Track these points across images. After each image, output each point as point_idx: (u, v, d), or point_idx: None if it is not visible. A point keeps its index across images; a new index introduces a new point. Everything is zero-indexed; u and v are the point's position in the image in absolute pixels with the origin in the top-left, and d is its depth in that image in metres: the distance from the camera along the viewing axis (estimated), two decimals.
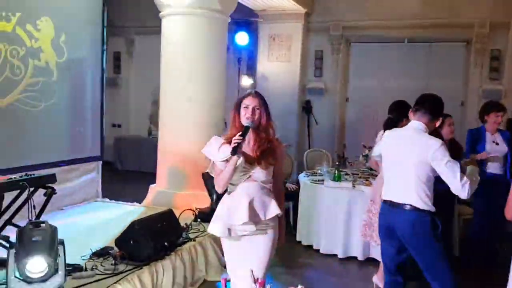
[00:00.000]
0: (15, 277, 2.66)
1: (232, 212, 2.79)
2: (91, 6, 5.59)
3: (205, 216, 5.09)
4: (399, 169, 3.09)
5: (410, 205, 3.00)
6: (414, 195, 2.99)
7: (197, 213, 5.15)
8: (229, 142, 2.71)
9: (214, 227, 2.87)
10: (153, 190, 6.05)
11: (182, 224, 4.80)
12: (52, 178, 3.77)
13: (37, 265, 2.67)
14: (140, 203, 5.97)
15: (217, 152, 2.81)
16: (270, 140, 2.85)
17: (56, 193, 3.73)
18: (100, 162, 6.11)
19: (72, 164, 5.50)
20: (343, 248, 5.08)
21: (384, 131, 3.78)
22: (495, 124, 4.97)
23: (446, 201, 3.52)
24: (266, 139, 2.83)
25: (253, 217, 2.74)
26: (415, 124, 3.11)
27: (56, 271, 2.85)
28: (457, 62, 8.37)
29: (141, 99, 10.56)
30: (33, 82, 4.79)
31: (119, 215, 5.30)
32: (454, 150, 4.22)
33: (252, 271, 2.40)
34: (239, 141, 2.65)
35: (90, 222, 5.00)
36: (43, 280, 2.75)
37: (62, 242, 3.00)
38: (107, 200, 6.10)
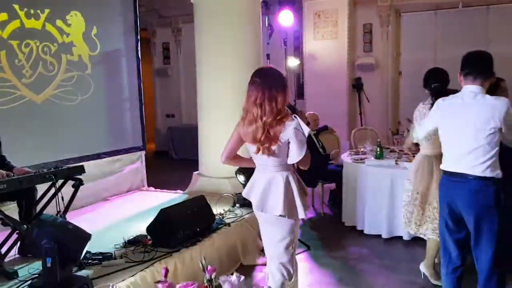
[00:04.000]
0: None
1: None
2: None
3: (243, 200, 5.03)
4: (464, 138, 2.82)
5: (474, 174, 2.77)
6: (481, 163, 2.76)
7: (236, 199, 5.08)
8: None
9: None
10: (196, 177, 6.05)
11: (220, 209, 4.77)
12: (80, 169, 3.82)
13: None
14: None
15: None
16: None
17: (83, 184, 3.77)
18: (143, 152, 6.16)
19: (114, 155, 5.59)
20: (387, 228, 4.84)
21: (434, 102, 3.52)
22: None
23: None
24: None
25: (259, 206, 2.78)
26: (472, 88, 2.85)
27: None
28: None
29: (191, 88, 10.60)
30: (68, 77, 4.88)
31: (161, 204, 5.32)
32: None
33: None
34: None
35: (132, 211, 5.05)
36: None
37: None
38: (152, 189, 6.17)
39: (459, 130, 2.84)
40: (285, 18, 8.79)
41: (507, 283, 2.97)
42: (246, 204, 4.99)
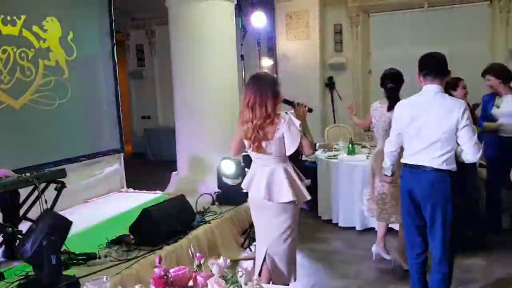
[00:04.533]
0: None
1: None
2: (97, 2, 5.68)
3: (223, 198, 5.19)
4: (424, 133, 3.04)
5: (431, 166, 3.00)
6: (438, 157, 2.98)
7: (215, 197, 5.22)
8: None
9: None
10: (175, 177, 6.18)
11: (200, 208, 4.91)
12: (62, 172, 3.91)
13: None
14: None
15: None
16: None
17: (66, 186, 3.86)
18: (122, 154, 6.25)
19: (93, 158, 5.66)
20: (360, 221, 5.07)
21: (392, 103, 3.81)
22: None
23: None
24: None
25: (267, 196, 3.00)
26: (432, 87, 3.06)
27: None
28: (480, 23, 8.01)
29: (166, 90, 10.68)
30: (45, 81, 4.95)
31: (141, 204, 5.42)
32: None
33: None
34: None
35: (112, 212, 5.15)
36: None
37: None
38: (131, 190, 6.26)
39: (420, 126, 3.04)
40: (258, 19, 8.95)
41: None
42: (224, 202, 5.16)
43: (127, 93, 11.29)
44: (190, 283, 1.33)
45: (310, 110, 3.14)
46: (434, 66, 3.09)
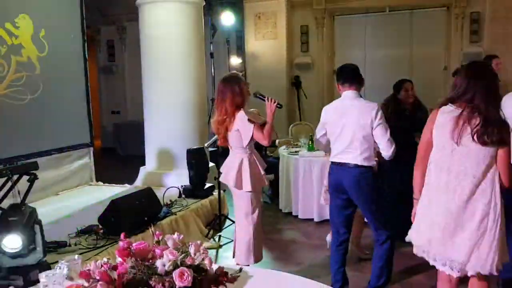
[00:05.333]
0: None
1: None
2: (69, 0, 5.84)
3: (189, 192, 5.45)
4: (345, 134, 3.41)
5: (354, 163, 3.38)
6: (359, 154, 3.38)
7: (181, 190, 5.48)
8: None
9: None
10: (144, 171, 6.40)
11: (167, 200, 5.16)
12: (34, 165, 4.08)
13: (12, 241, 3.03)
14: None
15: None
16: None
17: (38, 178, 4.04)
18: (91, 148, 6.42)
19: (63, 152, 5.82)
20: (318, 213, 5.43)
21: None
22: None
23: None
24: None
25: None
26: (349, 93, 3.46)
27: (35, 248, 3.23)
28: (438, 28, 8.51)
29: (136, 85, 10.82)
30: (17, 77, 5.08)
31: (110, 197, 5.62)
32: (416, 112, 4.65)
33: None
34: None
35: (82, 204, 5.33)
36: (21, 255, 3.12)
37: (39, 222, 3.36)
38: (101, 183, 6.45)
39: (341, 127, 3.43)
40: (227, 18, 9.23)
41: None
42: (191, 195, 5.43)
43: (97, 88, 11.40)
44: (150, 255, 1.60)
45: (280, 106, 3.58)
46: (350, 74, 3.50)
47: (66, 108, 5.83)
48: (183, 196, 5.42)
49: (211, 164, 5.83)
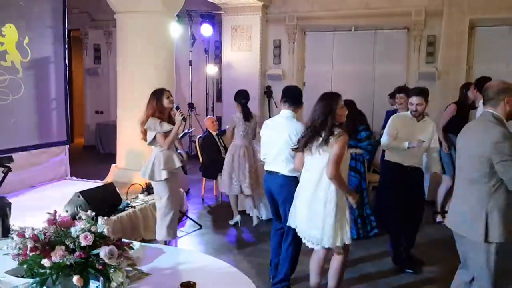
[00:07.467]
0: None
1: None
2: (53, 11, 6.44)
3: (151, 189, 6.06)
4: (276, 146, 4.01)
5: (281, 173, 3.98)
6: (285, 166, 3.95)
7: (144, 187, 6.09)
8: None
9: None
10: (114, 168, 7.00)
11: (131, 196, 5.77)
12: (9, 159, 4.71)
13: None
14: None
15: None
16: None
17: (11, 170, 4.66)
18: (67, 146, 7.03)
19: (40, 148, 6.42)
20: (266, 212, 6.13)
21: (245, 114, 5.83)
22: None
23: None
24: None
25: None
26: (285, 113, 4.03)
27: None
28: (399, 48, 9.17)
29: None
30: (1, 79, 5.70)
31: (80, 191, 6.23)
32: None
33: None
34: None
35: (55, 196, 5.93)
36: None
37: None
38: (74, 178, 7.05)
39: (274, 140, 4.02)
40: (206, 30, 9.89)
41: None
42: (152, 191, 6.04)
43: (82, 88, 12.00)
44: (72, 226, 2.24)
45: (184, 119, 4.47)
46: (291, 96, 4.05)
47: (46, 109, 6.44)
48: (145, 192, 6.02)
49: None
